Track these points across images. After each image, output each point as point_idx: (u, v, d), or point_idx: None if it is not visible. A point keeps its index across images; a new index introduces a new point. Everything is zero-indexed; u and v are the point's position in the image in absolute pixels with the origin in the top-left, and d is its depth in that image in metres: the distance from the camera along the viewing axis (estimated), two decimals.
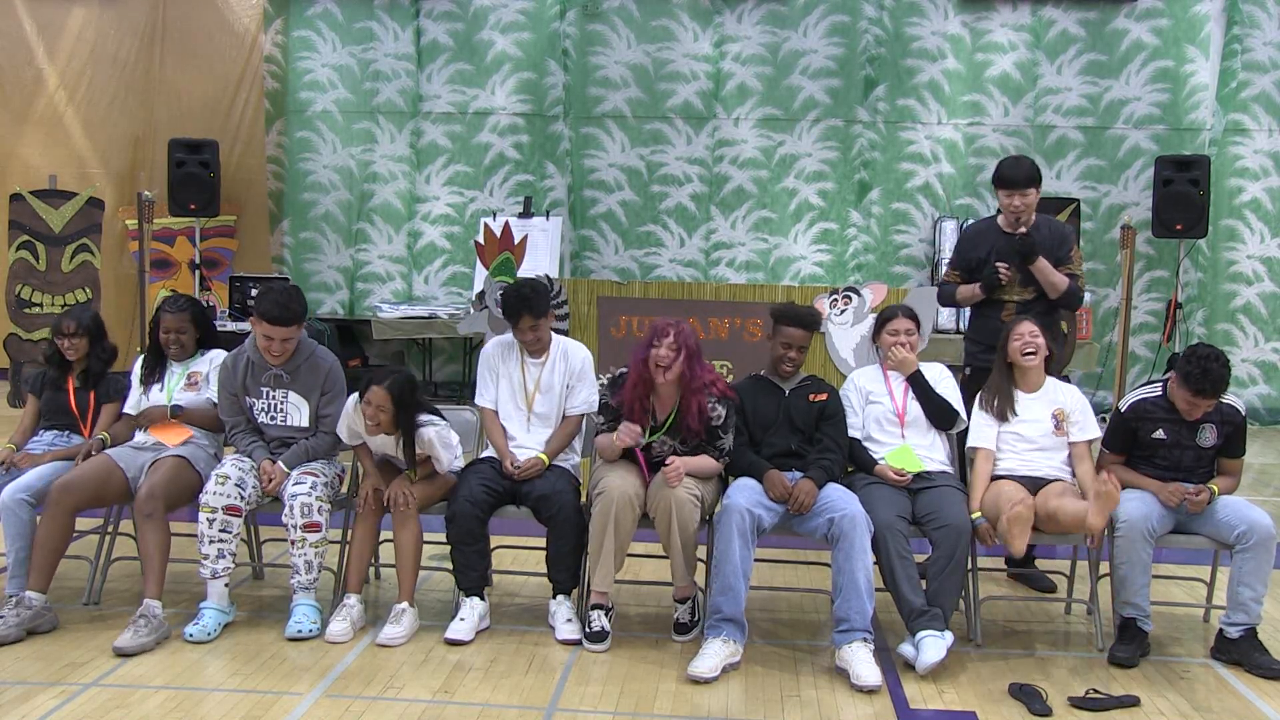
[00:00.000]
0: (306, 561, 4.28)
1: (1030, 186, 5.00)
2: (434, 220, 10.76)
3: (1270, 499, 7.00)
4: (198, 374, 4.67)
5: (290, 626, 4.22)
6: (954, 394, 4.59)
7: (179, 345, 4.65)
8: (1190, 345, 4.40)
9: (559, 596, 4.37)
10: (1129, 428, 4.38)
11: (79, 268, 9.78)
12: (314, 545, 4.28)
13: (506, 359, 4.66)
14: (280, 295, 4.39)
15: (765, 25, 10.47)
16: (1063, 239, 5.07)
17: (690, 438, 4.31)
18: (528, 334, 4.53)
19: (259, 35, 10.69)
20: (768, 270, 10.56)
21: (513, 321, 4.53)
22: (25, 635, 4.12)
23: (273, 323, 4.33)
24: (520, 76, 10.58)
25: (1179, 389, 4.22)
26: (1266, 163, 10.30)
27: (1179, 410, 4.28)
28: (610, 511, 4.14)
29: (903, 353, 4.54)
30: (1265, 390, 10.39)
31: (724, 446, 4.35)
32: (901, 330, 4.59)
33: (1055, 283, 4.96)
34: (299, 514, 4.25)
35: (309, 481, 4.32)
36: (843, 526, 4.07)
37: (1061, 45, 10.33)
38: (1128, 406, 4.42)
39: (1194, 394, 4.17)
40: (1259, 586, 4.11)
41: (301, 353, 4.49)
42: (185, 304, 4.72)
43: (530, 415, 4.58)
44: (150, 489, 4.27)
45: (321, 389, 4.49)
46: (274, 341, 4.36)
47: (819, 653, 4.24)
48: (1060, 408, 4.48)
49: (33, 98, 10.84)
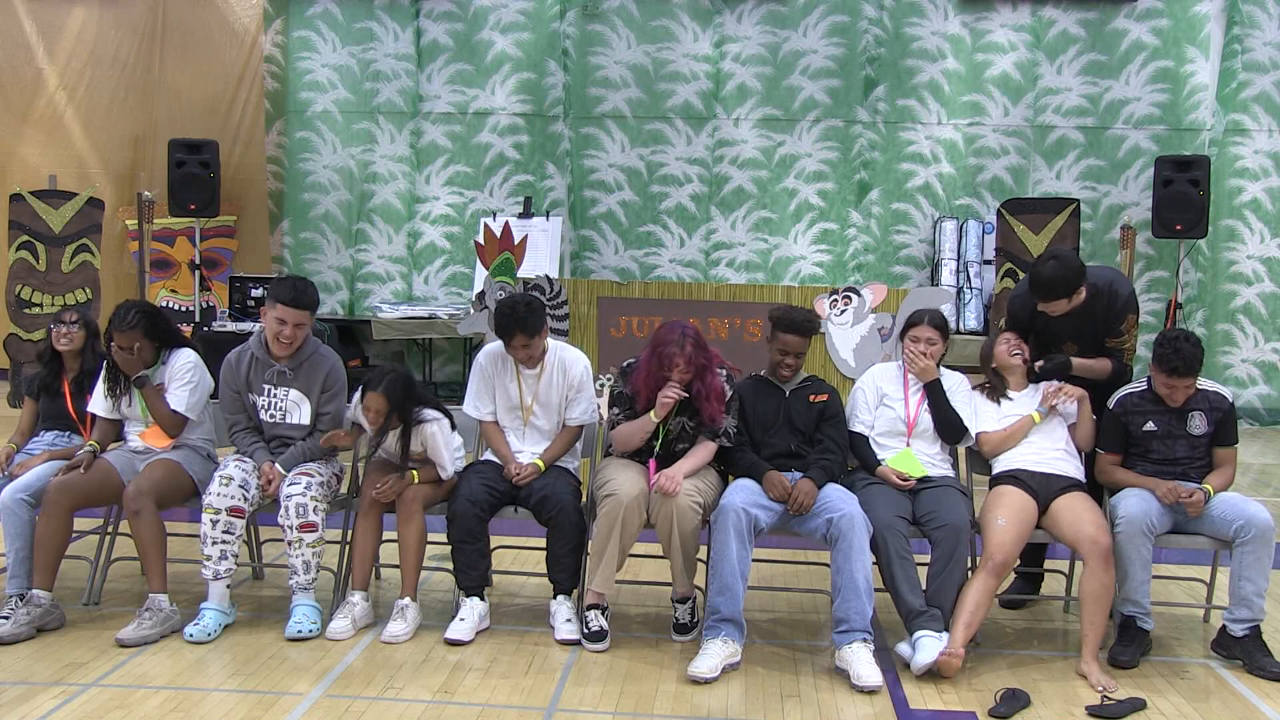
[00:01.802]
0: (304, 562, 4.28)
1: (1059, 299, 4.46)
2: (434, 220, 10.76)
3: (1270, 499, 7.00)
4: (162, 386, 4.50)
5: (290, 627, 4.22)
6: (967, 407, 4.57)
7: (139, 359, 4.43)
8: (1161, 331, 4.42)
9: (559, 597, 4.37)
10: (1120, 423, 4.41)
11: (79, 268, 9.77)
12: (310, 545, 4.28)
13: (501, 371, 4.59)
14: (296, 281, 4.45)
15: (765, 25, 10.47)
16: (1111, 317, 4.56)
17: (709, 420, 4.32)
18: (520, 352, 4.46)
19: (259, 35, 10.70)
20: (768, 270, 10.56)
21: (505, 339, 4.46)
22: (36, 633, 4.14)
23: (287, 304, 4.34)
24: (520, 76, 10.58)
25: (1156, 374, 4.30)
26: (1266, 163, 10.30)
27: (1164, 400, 4.33)
28: (618, 514, 4.14)
29: (923, 362, 4.51)
30: (1265, 390, 10.39)
31: (725, 427, 4.37)
32: (923, 339, 4.52)
33: (1099, 374, 4.58)
34: (294, 514, 4.25)
35: (304, 482, 4.32)
36: (841, 527, 4.07)
37: (1061, 45, 10.34)
38: (1115, 402, 4.45)
39: (1168, 374, 4.22)
40: (1260, 580, 4.11)
41: (306, 349, 4.49)
42: (135, 319, 4.41)
43: (526, 428, 4.57)
44: (137, 486, 4.27)
45: (323, 386, 4.49)
46: (286, 326, 4.35)
47: (819, 653, 4.24)
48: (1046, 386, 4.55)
49: (33, 98, 10.86)
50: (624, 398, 4.42)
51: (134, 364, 4.44)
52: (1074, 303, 4.49)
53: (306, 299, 4.39)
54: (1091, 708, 3.74)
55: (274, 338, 4.39)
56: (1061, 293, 4.45)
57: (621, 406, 4.43)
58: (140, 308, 4.50)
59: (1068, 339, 4.61)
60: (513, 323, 4.38)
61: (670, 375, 4.23)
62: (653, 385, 4.29)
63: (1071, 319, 4.55)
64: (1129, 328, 4.60)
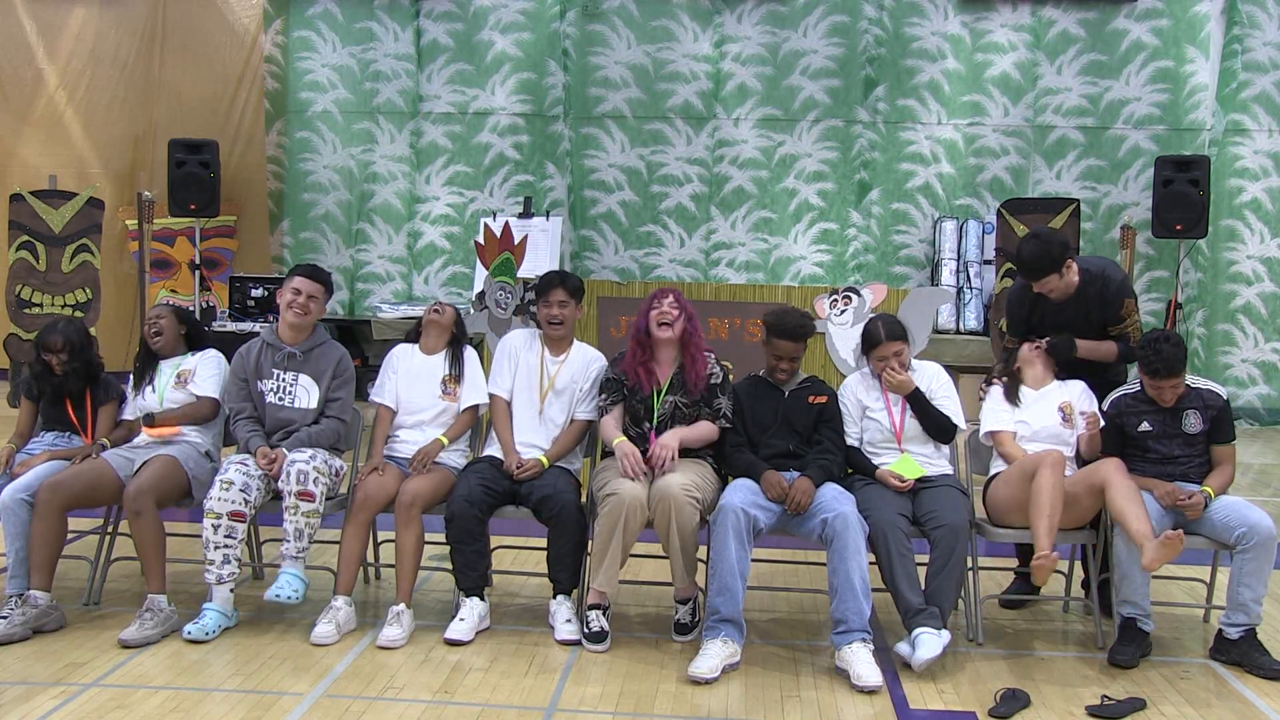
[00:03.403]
0: (297, 529, 4.28)
1: (1046, 274, 4.49)
2: (434, 220, 10.77)
3: (1270, 499, 7.00)
4: (187, 371, 4.70)
5: (270, 590, 4.23)
6: (952, 399, 4.55)
7: (160, 335, 4.70)
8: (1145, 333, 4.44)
9: (559, 597, 4.37)
10: (1115, 424, 4.43)
11: (79, 268, 9.77)
12: (305, 515, 4.28)
13: (528, 349, 4.70)
14: (313, 262, 4.87)
15: (765, 25, 10.48)
16: (1108, 303, 4.58)
17: (694, 391, 4.42)
18: (555, 309, 4.57)
19: (259, 35, 10.70)
20: (768, 270, 10.57)
21: (543, 294, 4.60)
22: (32, 634, 4.13)
23: (304, 276, 4.58)
24: (520, 77, 10.59)
25: (1142, 377, 4.33)
26: (1266, 163, 10.31)
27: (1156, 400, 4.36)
28: (620, 514, 4.14)
29: (898, 377, 4.44)
30: (1265, 390, 10.39)
31: (720, 408, 4.43)
32: (890, 354, 4.45)
33: (1104, 355, 4.63)
34: (294, 480, 4.27)
35: (309, 453, 4.35)
36: (835, 527, 4.06)
37: (1061, 45, 10.34)
38: (1109, 404, 4.48)
39: (1151, 376, 4.26)
40: (1259, 587, 4.11)
41: (317, 336, 4.65)
42: (169, 307, 4.89)
43: (541, 412, 4.59)
44: (139, 486, 4.28)
45: (333, 373, 4.59)
46: (301, 295, 4.53)
47: (819, 653, 4.24)
48: (1067, 401, 4.50)
49: (33, 98, 10.86)
50: (613, 383, 4.50)
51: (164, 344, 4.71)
52: (1067, 280, 4.49)
53: (323, 275, 4.66)
54: (1091, 708, 3.74)
55: (287, 307, 4.55)
56: (1047, 268, 4.45)
57: (609, 392, 4.48)
58: (177, 306, 5.02)
59: (1068, 332, 4.61)
60: (556, 276, 4.63)
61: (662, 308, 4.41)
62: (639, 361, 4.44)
63: (1069, 310, 4.57)
64: (1128, 312, 4.61)
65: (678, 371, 4.48)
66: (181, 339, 4.78)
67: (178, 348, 4.77)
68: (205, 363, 4.72)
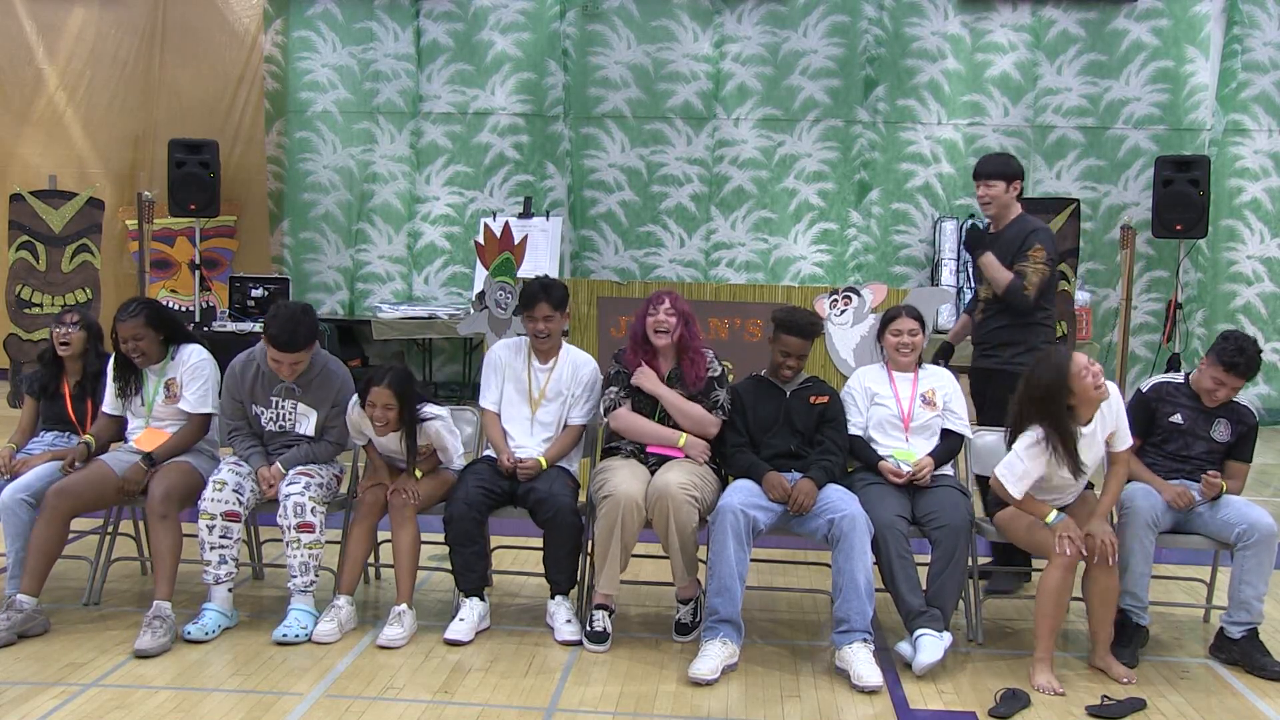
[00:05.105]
0: (301, 563, 4.27)
1: (993, 178, 4.98)
2: (434, 220, 10.76)
3: (1270, 499, 7.00)
4: (174, 382, 4.52)
5: (278, 630, 4.19)
6: (959, 404, 4.57)
7: (141, 353, 4.45)
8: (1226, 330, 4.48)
9: (558, 597, 4.37)
10: (1149, 408, 4.44)
11: (79, 268, 9.76)
12: (307, 546, 4.27)
13: (515, 359, 4.66)
14: (288, 321, 4.28)
15: (765, 25, 10.47)
16: (1023, 237, 4.91)
17: (693, 386, 4.44)
18: (540, 324, 4.51)
19: (259, 35, 10.69)
20: (768, 270, 10.56)
21: (528, 309, 4.52)
22: (16, 639, 4.10)
23: (281, 349, 4.28)
24: (520, 77, 10.58)
25: (1210, 368, 4.32)
26: (1266, 163, 10.30)
27: (1200, 398, 4.37)
28: (617, 514, 4.14)
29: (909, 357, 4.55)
30: (1265, 390, 10.39)
31: (718, 400, 4.45)
32: (905, 330, 4.56)
33: (996, 278, 4.93)
34: (292, 514, 4.25)
35: (303, 481, 4.31)
36: (843, 527, 4.07)
37: (1061, 45, 10.33)
38: (1150, 386, 4.50)
39: (1226, 369, 4.26)
40: (1260, 585, 4.12)
41: (314, 367, 4.46)
42: (137, 309, 4.46)
43: (534, 420, 4.58)
44: (166, 491, 4.27)
45: (333, 401, 4.49)
46: (283, 364, 4.34)
47: (819, 653, 4.24)
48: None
49: (33, 98, 10.85)
50: (619, 375, 4.51)
51: (142, 358, 4.45)
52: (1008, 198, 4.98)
53: (300, 339, 4.28)
54: (1091, 708, 3.74)
55: (274, 370, 4.38)
56: (999, 170, 5.01)
57: (619, 384, 4.50)
58: (142, 300, 4.59)
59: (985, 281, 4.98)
60: (540, 289, 4.51)
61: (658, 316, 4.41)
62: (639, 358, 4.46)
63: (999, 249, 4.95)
64: (1034, 256, 4.86)
65: (676, 368, 4.50)
66: (159, 344, 4.50)
67: (158, 355, 4.52)
68: (193, 374, 4.51)
